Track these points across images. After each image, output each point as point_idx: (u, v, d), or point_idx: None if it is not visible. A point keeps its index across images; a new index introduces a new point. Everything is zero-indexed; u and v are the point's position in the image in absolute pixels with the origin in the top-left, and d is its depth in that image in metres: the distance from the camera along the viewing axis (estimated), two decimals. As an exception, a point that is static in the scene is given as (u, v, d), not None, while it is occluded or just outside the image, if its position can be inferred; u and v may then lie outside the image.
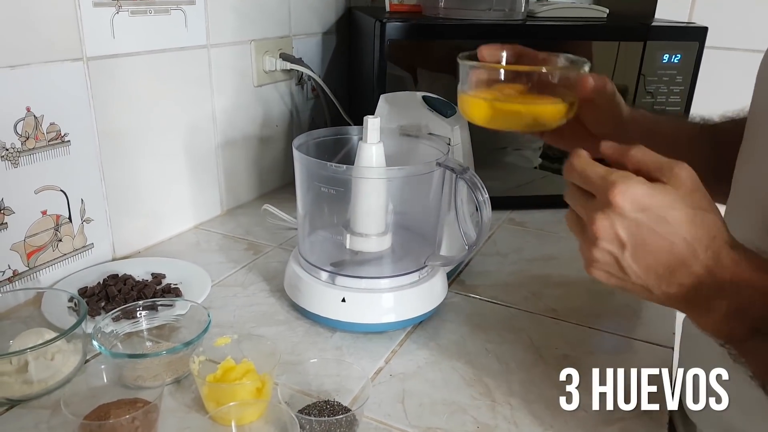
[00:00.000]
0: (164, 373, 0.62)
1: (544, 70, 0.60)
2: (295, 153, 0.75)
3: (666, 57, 1.07)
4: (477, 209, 0.71)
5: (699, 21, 1.15)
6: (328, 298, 0.74)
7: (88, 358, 0.67)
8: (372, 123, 0.72)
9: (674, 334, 0.76)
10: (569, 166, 0.49)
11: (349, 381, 0.63)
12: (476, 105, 0.60)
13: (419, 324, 0.77)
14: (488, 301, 0.84)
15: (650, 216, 0.45)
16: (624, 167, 0.47)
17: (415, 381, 0.66)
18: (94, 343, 0.62)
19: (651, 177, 0.46)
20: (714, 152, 0.67)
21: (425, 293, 0.76)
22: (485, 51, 0.62)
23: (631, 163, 0.47)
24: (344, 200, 0.75)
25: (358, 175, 0.73)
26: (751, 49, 1.27)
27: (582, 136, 0.64)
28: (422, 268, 0.77)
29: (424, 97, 0.84)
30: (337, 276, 0.75)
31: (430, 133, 0.81)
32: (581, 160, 0.48)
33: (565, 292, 0.87)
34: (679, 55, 1.07)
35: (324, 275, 0.76)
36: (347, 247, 0.77)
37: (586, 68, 0.60)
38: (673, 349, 0.74)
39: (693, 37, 1.07)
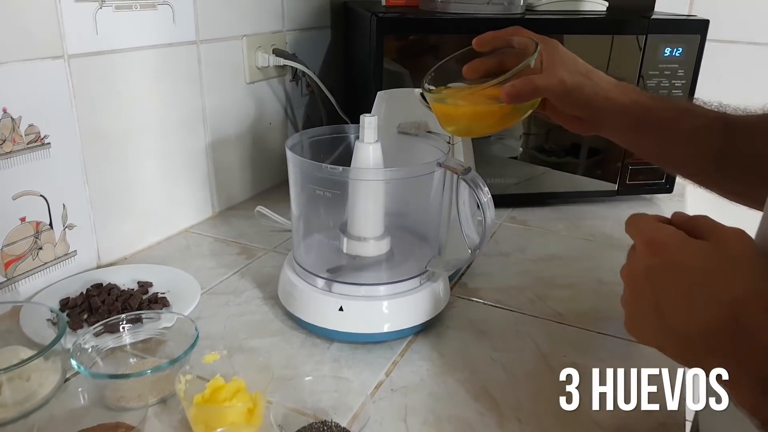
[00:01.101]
0: (149, 393, 0.58)
1: (467, 92, 0.66)
2: (288, 154, 0.71)
3: (667, 50, 1.06)
4: (479, 207, 0.67)
5: (699, 13, 1.13)
6: (324, 306, 0.70)
7: (68, 376, 0.63)
8: (369, 121, 0.69)
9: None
10: (630, 221, 0.47)
11: (348, 396, 0.59)
12: (433, 106, 0.69)
13: (420, 332, 0.73)
14: (492, 306, 0.80)
15: (665, 258, 0.42)
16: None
17: (418, 395, 0.63)
18: (73, 362, 0.58)
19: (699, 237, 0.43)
20: (726, 145, 0.63)
21: (427, 299, 0.72)
22: (476, 42, 0.68)
23: (690, 227, 0.44)
24: (340, 203, 0.72)
25: (355, 176, 0.70)
26: (752, 41, 1.25)
27: (570, 118, 0.70)
28: (423, 273, 0.73)
29: (422, 94, 0.81)
30: (333, 283, 0.71)
31: (429, 131, 0.78)
32: (636, 216, 0.47)
33: (571, 294, 0.84)
34: (680, 49, 1.06)
35: (320, 282, 0.72)
36: (344, 251, 0.73)
37: (532, 62, 0.63)
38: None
39: (694, 30, 1.06)
